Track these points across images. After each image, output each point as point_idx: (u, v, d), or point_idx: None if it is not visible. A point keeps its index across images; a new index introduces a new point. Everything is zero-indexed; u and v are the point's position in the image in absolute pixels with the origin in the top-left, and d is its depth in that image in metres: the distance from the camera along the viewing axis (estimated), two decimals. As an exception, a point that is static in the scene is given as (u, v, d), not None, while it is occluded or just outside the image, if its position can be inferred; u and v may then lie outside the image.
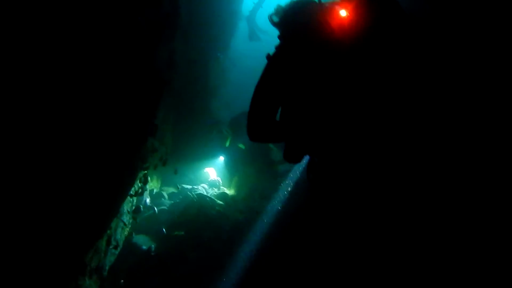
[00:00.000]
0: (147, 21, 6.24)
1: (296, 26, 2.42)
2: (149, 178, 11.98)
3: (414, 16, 2.31)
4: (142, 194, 9.72)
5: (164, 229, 10.21)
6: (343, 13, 2.24)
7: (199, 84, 13.87)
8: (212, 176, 16.33)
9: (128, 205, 9.77)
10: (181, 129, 13.78)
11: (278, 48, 2.49)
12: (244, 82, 12.26)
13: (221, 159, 15.98)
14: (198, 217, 10.36)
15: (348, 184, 2.27)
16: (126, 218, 9.62)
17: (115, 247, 8.38)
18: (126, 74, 5.94)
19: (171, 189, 14.04)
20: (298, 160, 2.51)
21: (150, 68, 6.70)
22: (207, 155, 15.60)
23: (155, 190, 13.02)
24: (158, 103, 7.51)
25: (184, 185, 14.09)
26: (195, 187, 13.37)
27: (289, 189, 10.14)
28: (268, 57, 2.50)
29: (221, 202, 11.49)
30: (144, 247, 9.71)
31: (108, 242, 8.18)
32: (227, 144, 14.61)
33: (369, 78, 2.18)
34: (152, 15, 6.39)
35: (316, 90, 2.29)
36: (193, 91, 13.46)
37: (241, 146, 13.93)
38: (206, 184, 14.87)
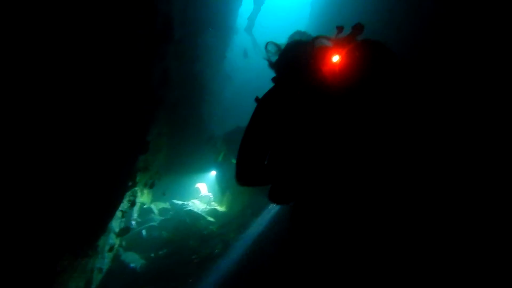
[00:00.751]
0: (141, 37, 6.16)
1: (289, 71, 2.39)
2: (139, 193, 11.81)
3: (405, 60, 2.30)
4: (131, 210, 9.55)
5: (152, 254, 10.00)
6: (335, 58, 2.21)
7: (194, 98, 13.80)
8: (203, 191, 16.12)
9: (116, 221, 9.57)
10: (174, 143, 13.67)
11: (269, 92, 2.44)
12: (238, 97, 12.18)
13: (213, 173, 15.84)
14: (188, 235, 10.17)
15: (331, 230, 2.22)
16: (114, 236, 9.42)
17: (100, 270, 8.19)
18: (120, 91, 5.85)
19: (162, 204, 13.82)
20: (285, 202, 2.45)
21: (144, 86, 6.59)
22: (199, 170, 15.45)
23: (145, 205, 12.78)
24: (151, 121, 7.39)
25: (175, 201, 13.88)
26: (186, 203, 13.15)
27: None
28: (257, 100, 2.45)
29: (211, 219, 11.32)
30: (133, 265, 9.48)
31: (95, 260, 7.99)
32: (220, 158, 14.49)
33: (358, 126, 2.16)
34: (145, 32, 6.31)
35: (306, 136, 2.25)
36: (187, 105, 13.38)
37: (234, 161, 13.83)
38: (198, 200, 14.65)
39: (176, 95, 11.40)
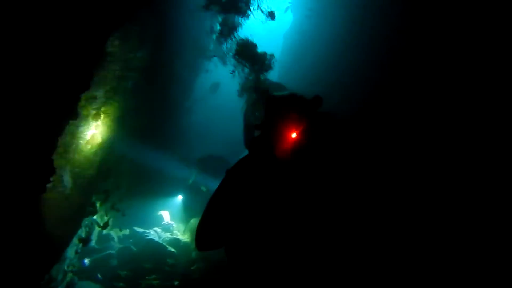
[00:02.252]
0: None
1: (258, 144, 2.55)
2: (99, 219, 11.42)
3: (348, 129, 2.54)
4: (87, 241, 9.22)
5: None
6: (293, 135, 2.37)
7: (165, 125, 13.70)
8: (166, 219, 15.75)
9: (72, 249, 9.19)
10: (139, 171, 13.43)
11: (236, 165, 2.57)
12: (209, 124, 12.10)
13: (180, 198, 15.56)
14: (147, 266, 9.90)
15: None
16: (69, 262, 9.02)
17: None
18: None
19: (121, 231, 13.38)
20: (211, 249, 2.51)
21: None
22: (164, 193, 15.11)
23: (103, 232, 12.34)
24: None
25: (136, 228, 13.49)
26: (147, 231, 12.80)
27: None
28: (227, 172, 2.55)
29: (173, 250, 11.06)
30: (85, 297, 9.08)
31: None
32: (190, 181, 14.32)
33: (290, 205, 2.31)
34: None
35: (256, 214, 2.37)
36: (156, 130, 13.23)
37: (203, 188, 13.70)
38: (159, 228, 14.29)
39: (145, 119, 11.28)
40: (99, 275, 8.87)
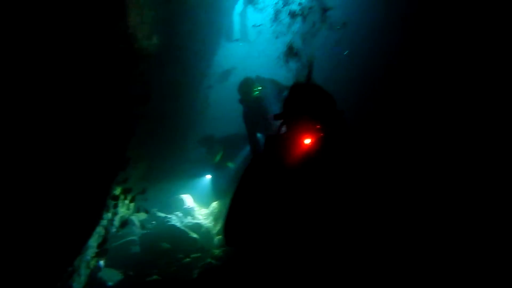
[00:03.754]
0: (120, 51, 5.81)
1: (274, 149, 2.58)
2: (120, 205, 11.33)
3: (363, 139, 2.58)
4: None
5: (131, 272, 9.54)
6: (307, 141, 2.44)
7: (185, 106, 13.42)
8: (188, 203, 15.55)
9: (94, 237, 9.11)
10: (159, 154, 13.25)
11: (253, 159, 2.66)
12: (231, 101, 11.59)
13: (208, 177, 15.33)
14: (169, 254, 9.80)
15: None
16: (92, 252, 8.96)
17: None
18: (96, 105, 5.49)
19: (143, 215, 13.33)
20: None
21: (122, 101, 6.23)
22: (187, 176, 14.95)
23: (125, 217, 12.28)
24: (130, 138, 6.99)
25: (157, 212, 13.45)
26: (169, 216, 12.68)
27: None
28: (254, 156, 2.91)
29: (195, 236, 10.92)
30: (110, 283, 9.04)
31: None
32: (217, 159, 13.98)
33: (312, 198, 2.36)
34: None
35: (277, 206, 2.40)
36: (173, 114, 12.98)
37: (230, 165, 13.35)
38: (181, 212, 14.13)
39: (161, 106, 11.00)
40: (101, 263, 8.76)
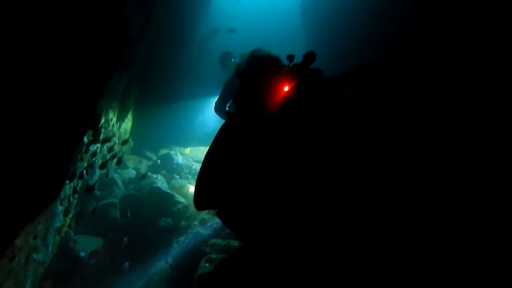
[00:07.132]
0: None
1: (251, 99, 2.63)
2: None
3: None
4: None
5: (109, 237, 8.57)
6: (285, 88, 2.53)
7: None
8: (179, 159, 14.02)
9: (64, 200, 8.02)
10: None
11: (229, 119, 2.63)
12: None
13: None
14: (152, 221, 8.81)
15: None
16: (61, 217, 7.90)
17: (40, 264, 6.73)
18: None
19: (128, 173, 12.21)
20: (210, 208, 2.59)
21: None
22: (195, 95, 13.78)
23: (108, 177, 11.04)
24: (102, 91, 5.68)
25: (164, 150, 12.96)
26: (154, 175, 11.54)
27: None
28: (229, 114, 2.66)
29: (182, 200, 9.86)
30: (83, 254, 8.06)
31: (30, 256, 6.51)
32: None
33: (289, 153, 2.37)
34: None
35: (252, 161, 2.40)
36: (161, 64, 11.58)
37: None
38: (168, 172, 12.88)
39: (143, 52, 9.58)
40: (71, 232, 7.80)
